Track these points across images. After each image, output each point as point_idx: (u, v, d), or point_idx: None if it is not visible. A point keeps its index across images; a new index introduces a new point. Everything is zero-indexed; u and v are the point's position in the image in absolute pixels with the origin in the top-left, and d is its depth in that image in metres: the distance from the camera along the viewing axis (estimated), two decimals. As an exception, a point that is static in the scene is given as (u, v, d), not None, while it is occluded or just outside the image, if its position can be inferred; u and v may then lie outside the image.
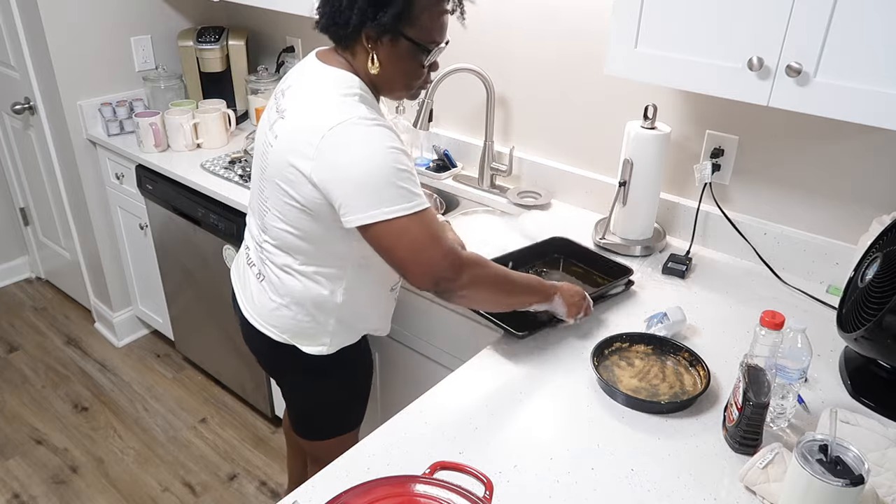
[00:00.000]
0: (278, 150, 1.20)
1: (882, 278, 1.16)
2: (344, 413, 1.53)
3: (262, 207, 1.29)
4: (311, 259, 1.28)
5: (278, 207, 1.24)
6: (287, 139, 1.18)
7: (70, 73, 2.43)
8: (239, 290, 1.46)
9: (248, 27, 2.67)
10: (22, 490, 2.24)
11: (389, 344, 1.74)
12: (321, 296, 1.32)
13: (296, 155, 1.16)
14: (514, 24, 1.92)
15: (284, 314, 1.34)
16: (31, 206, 3.11)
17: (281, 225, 1.26)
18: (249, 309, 1.41)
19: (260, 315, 1.38)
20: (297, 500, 1.02)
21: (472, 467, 0.97)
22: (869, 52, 1.12)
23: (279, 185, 1.21)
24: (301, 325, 1.35)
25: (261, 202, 1.30)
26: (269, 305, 1.36)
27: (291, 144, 1.17)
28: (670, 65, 1.35)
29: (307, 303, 1.32)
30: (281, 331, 1.37)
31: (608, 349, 1.32)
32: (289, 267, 1.30)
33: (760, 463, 1.01)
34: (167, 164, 2.28)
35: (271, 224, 1.28)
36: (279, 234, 1.27)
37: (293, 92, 1.23)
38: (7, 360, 2.84)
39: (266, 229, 1.30)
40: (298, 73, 1.27)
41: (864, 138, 1.47)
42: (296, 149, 1.16)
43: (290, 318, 1.35)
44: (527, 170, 2.03)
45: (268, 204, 1.27)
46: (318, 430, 1.55)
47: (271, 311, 1.36)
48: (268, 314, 1.37)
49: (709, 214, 1.71)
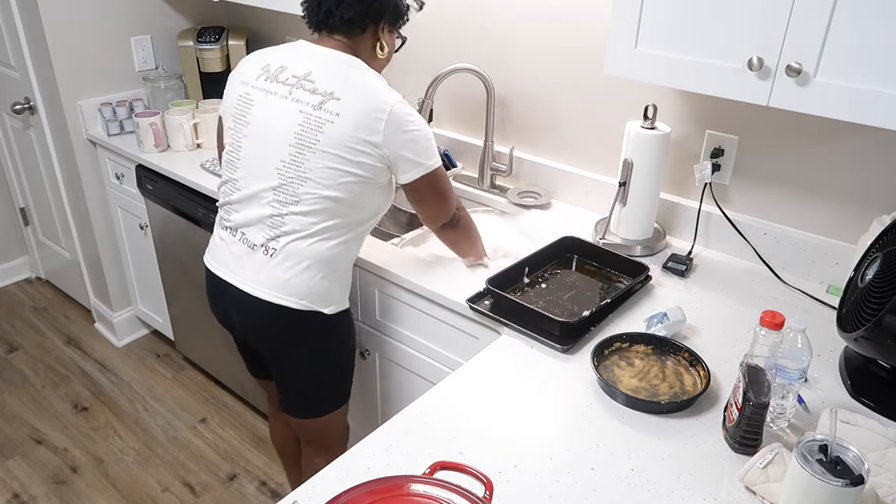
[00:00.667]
0: (342, 127, 1.36)
1: (882, 278, 1.16)
2: (340, 380, 1.63)
3: (296, 179, 1.40)
4: (337, 219, 1.42)
5: (324, 176, 1.38)
6: (353, 116, 1.36)
7: (70, 73, 2.43)
8: (234, 277, 1.49)
9: (248, 27, 2.67)
10: (22, 490, 2.24)
11: (389, 344, 1.74)
12: (334, 253, 1.45)
13: (363, 130, 1.35)
14: (514, 24, 1.92)
15: (304, 278, 1.44)
16: (31, 206, 3.11)
17: (322, 192, 1.39)
18: (260, 287, 1.45)
19: (275, 287, 1.44)
20: (297, 500, 1.02)
21: (472, 467, 0.97)
22: (869, 52, 1.12)
23: (336, 156, 1.37)
24: (320, 286, 1.45)
25: (292, 174, 1.40)
26: (286, 275, 1.43)
27: (360, 119, 1.35)
28: (670, 65, 1.35)
29: (324, 263, 1.44)
30: (301, 297, 1.45)
31: (608, 349, 1.32)
32: (312, 230, 1.42)
33: (760, 463, 1.01)
34: (167, 164, 2.28)
35: (308, 192, 1.39)
36: (316, 199, 1.39)
37: (325, 76, 1.39)
38: (7, 360, 2.84)
39: (299, 199, 1.40)
40: (308, 59, 1.43)
41: (864, 138, 1.47)
42: (365, 123, 1.35)
43: (309, 281, 1.44)
44: (527, 170, 2.03)
45: (309, 174, 1.39)
46: (319, 404, 1.62)
47: (289, 280, 1.43)
48: (284, 284, 1.44)
49: (709, 214, 1.71)
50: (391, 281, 1.63)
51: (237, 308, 1.51)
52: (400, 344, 1.72)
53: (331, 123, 1.36)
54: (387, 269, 1.62)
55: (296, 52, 1.45)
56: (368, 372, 1.85)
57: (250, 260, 1.45)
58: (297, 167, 1.39)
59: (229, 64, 2.58)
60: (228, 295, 1.51)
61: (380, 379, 1.84)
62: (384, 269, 1.63)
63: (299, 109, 1.38)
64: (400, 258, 1.67)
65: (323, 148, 1.36)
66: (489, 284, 1.46)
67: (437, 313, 1.58)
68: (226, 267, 1.50)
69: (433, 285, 1.55)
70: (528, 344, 1.37)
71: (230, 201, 1.50)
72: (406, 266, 1.63)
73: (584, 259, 1.66)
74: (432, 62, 2.13)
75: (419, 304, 1.61)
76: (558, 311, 1.47)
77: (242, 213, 1.47)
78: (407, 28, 1.55)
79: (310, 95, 1.38)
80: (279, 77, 1.43)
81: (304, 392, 1.60)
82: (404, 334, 1.69)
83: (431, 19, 2.09)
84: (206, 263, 1.58)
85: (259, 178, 1.43)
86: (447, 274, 1.60)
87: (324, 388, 1.61)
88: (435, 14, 2.07)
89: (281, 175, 1.40)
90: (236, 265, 1.48)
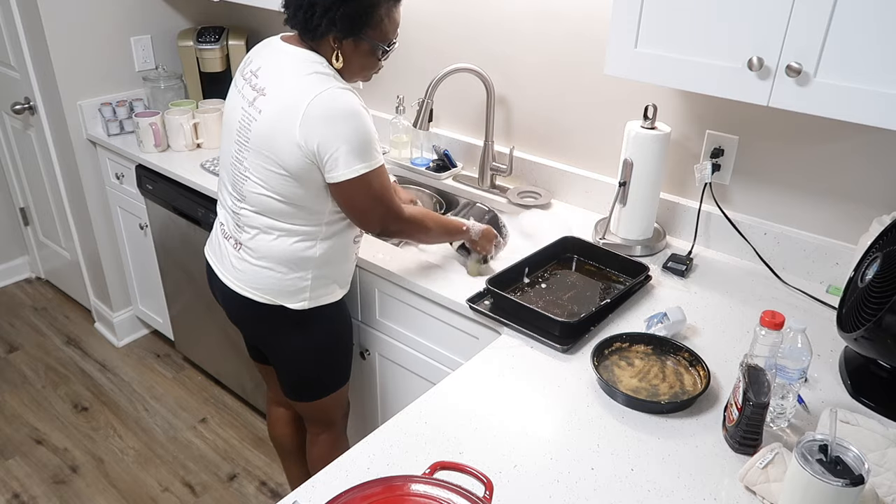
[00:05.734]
0: (265, 123, 1.33)
1: (882, 278, 1.16)
2: (333, 364, 1.64)
3: (240, 177, 1.41)
4: (290, 219, 1.40)
5: (260, 175, 1.36)
6: (273, 111, 1.31)
7: (70, 73, 2.43)
8: (216, 265, 1.56)
9: (248, 27, 2.67)
10: (22, 490, 2.24)
11: (389, 344, 1.74)
12: (299, 252, 1.43)
13: (284, 124, 1.30)
14: (514, 23, 1.92)
15: (265, 275, 1.45)
16: (31, 206, 3.11)
17: (261, 191, 1.38)
18: (231, 278, 1.51)
19: (242, 281, 1.48)
20: (298, 500, 1.02)
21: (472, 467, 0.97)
22: (869, 53, 1.12)
23: (264, 154, 1.34)
24: (281, 283, 1.46)
25: (238, 173, 1.42)
26: (250, 270, 1.46)
27: (279, 115, 1.30)
28: (670, 65, 1.35)
29: (286, 261, 1.44)
30: (263, 292, 1.47)
31: (608, 349, 1.32)
32: (269, 228, 1.42)
33: (760, 463, 1.01)
34: (167, 164, 2.28)
35: (250, 191, 1.39)
36: (259, 199, 1.39)
37: (268, 71, 1.37)
38: (7, 360, 2.84)
39: (244, 197, 1.41)
40: (267, 55, 1.40)
41: (864, 138, 1.47)
42: (284, 118, 1.30)
43: (270, 278, 1.45)
44: (527, 170, 2.03)
45: (247, 173, 1.39)
46: (318, 388, 1.64)
47: (253, 275, 1.47)
48: (250, 279, 1.47)
49: (709, 214, 1.71)
50: (391, 281, 1.63)
51: (222, 297, 1.58)
52: (400, 344, 1.72)
53: (255, 121, 1.34)
54: (387, 269, 1.62)
55: (265, 48, 1.44)
56: (368, 372, 1.85)
57: (226, 251, 1.51)
58: (240, 164, 1.40)
59: (229, 64, 2.58)
60: (216, 282, 1.58)
61: (380, 379, 1.84)
62: (384, 269, 1.63)
63: (241, 106, 1.39)
64: (400, 258, 1.67)
65: (253, 146, 1.36)
66: (489, 284, 1.46)
67: (436, 313, 1.58)
68: (214, 255, 1.58)
69: (433, 285, 1.55)
70: (528, 344, 1.37)
71: (218, 191, 1.56)
72: (406, 266, 1.63)
73: (584, 259, 1.66)
74: (432, 62, 2.13)
75: (419, 304, 1.61)
76: (558, 311, 1.47)
77: (220, 206, 1.55)
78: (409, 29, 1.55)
79: (250, 91, 1.38)
80: (244, 72, 1.44)
81: (296, 378, 1.64)
82: (404, 334, 1.69)
83: (431, 20, 2.09)
84: (205, 253, 1.64)
85: (225, 171, 1.48)
86: (447, 274, 1.60)
87: (313, 374, 1.63)
88: (435, 14, 2.07)
89: (233, 171, 1.43)
90: (219, 255, 1.55)
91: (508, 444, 1.12)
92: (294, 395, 1.67)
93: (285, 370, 1.63)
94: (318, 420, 1.73)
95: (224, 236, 1.52)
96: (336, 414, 1.73)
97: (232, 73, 2.60)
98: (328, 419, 1.72)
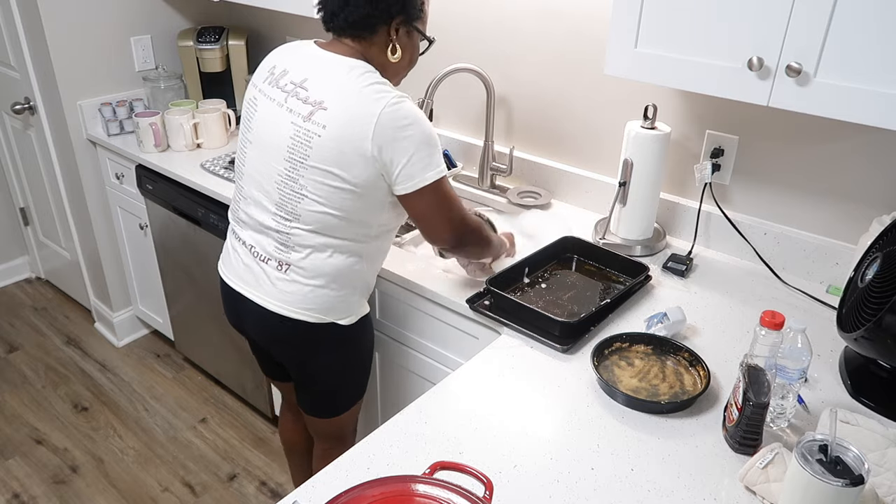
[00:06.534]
0: (330, 140, 1.27)
1: (882, 278, 1.16)
2: (360, 379, 1.62)
3: (294, 196, 1.34)
4: (341, 234, 1.36)
5: (319, 192, 1.31)
6: (339, 125, 1.26)
7: (70, 73, 2.43)
8: (248, 290, 1.45)
9: (248, 27, 2.67)
10: (22, 490, 2.24)
11: (389, 344, 1.74)
12: (349, 268, 1.40)
13: (354, 139, 1.26)
14: (514, 23, 1.92)
15: (319, 294, 1.40)
16: (31, 206, 3.11)
17: (320, 208, 1.33)
18: (275, 301, 1.42)
19: (290, 303, 1.41)
20: (298, 500, 1.02)
21: (472, 467, 0.97)
22: (869, 53, 1.12)
23: (326, 171, 1.29)
24: (336, 300, 1.42)
25: (289, 191, 1.34)
26: (303, 290, 1.40)
27: (347, 130, 1.26)
28: (670, 65, 1.35)
29: (339, 277, 1.40)
30: (318, 311, 1.42)
31: (608, 349, 1.32)
32: (324, 246, 1.37)
33: (760, 463, 1.01)
34: (167, 164, 2.28)
35: (307, 210, 1.34)
36: (316, 217, 1.34)
37: (319, 84, 1.30)
38: (7, 360, 2.84)
39: (298, 216, 1.35)
40: (310, 64, 1.34)
41: (864, 138, 1.47)
42: (353, 133, 1.26)
43: (326, 297, 1.41)
44: (527, 170, 2.03)
45: (304, 192, 1.33)
46: (340, 403, 1.62)
47: (306, 295, 1.40)
48: (302, 300, 1.40)
49: (709, 214, 1.71)
50: (391, 281, 1.63)
51: (253, 320, 1.48)
52: (400, 344, 1.72)
53: (318, 137, 1.28)
54: (387, 269, 1.62)
55: (299, 55, 1.36)
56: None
57: (263, 273, 1.42)
58: (293, 183, 1.33)
59: (229, 64, 2.58)
60: (243, 305, 1.48)
61: (380, 379, 1.84)
62: (384, 269, 1.62)
63: (291, 121, 1.31)
64: (400, 258, 1.67)
65: (313, 163, 1.29)
66: (489, 284, 1.46)
67: (436, 313, 1.58)
68: (239, 278, 1.47)
69: (433, 285, 1.55)
70: (527, 344, 1.37)
71: (239, 210, 1.47)
72: (406, 266, 1.63)
73: (584, 259, 1.66)
74: (432, 62, 2.13)
75: (419, 304, 1.61)
76: (558, 311, 1.47)
77: (251, 225, 1.43)
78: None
79: (301, 105, 1.30)
80: (280, 82, 1.35)
81: (324, 395, 1.59)
82: (404, 334, 1.69)
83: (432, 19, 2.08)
84: (220, 273, 1.55)
85: (262, 189, 1.38)
86: (447, 274, 1.60)
87: (343, 390, 1.60)
88: (435, 14, 2.07)
89: (280, 190, 1.35)
90: (249, 277, 1.45)
91: (508, 444, 1.12)
92: (316, 411, 1.62)
93: (315, 387, 1.58)
94: (331, 436, 1.69)
95: (259, 259, 1.42)
96: (348, 429, 1.69)
97: (232, 73, 2.60)
98: (341, 434, 1.69)
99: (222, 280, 1.53)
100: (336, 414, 1.62)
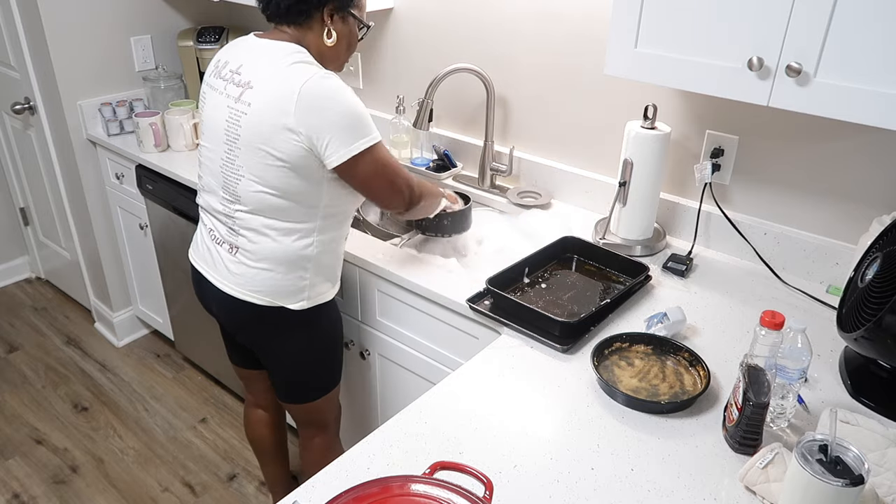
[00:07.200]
0: (255, 114, 1.32)
1: (882, 278, 1.16)
2: (328, 366, 1.65)
3: (233, 178, 1.40)
4: (286, 216, 1.40)
5: (256, 171, 1.36)
6: (263, 101, 1.31)
7: (70, 73, 2.43)
8: (208, 272, 1.53)
9: (248, 27, 2.67)
10: (22, 490, 2.24)
11: (389, 344, 1.74)
12: (297, 251, 1.43)
13: (277, 112, 1.29)
14: (514, 24, 1.92)
15: (265, 276, 1.45)
16: (31, 206, 3.11)
17: (257, 188, 1.37)
18: (227, 283, 1.49)
19: (240, 285, 1.47)
20: (297, 500, 1.02)
21: (472, 467, 0.97)
22: (869, 52, 1.12)
23: (259, 149, 1.33)
24: (282, 283, 1.45)
25: (230, 173, 1.40)
26: (249, 273, 1.45)
27: (270, 104, 1.30)
28: (670, 65, 1.35)
29: (285, 261, 1.43)
30: (264, 294, 1.46)
31: (608, 349, 1.32)
32: (266, 228, 1.41)
33: (760, 463, 1.01)
34: (167, 164, 2.28)
35: (246, 190, 1.38)
36: (255, 197, 1.38)
37: (251, 65, 1.36)
38: (7, 360, 2.84)
39: (238, 197, 1.40)
40: (245, 52, 1.40)
41: (864, 138, 1.47)
42: (276, 107, 1.29)
43: (271, 280, 1.45)
44: (527, 170, 2.03)
45: (241, 172, 1.38)
46: (309, 389, 1.65)
47: (252, 278, 1.45)
48: (248, 282, 1.46)
49: (709, 214, 1.71)
50: (391, 281, 1.63)
51: (215, 302, 1.56)
52: (400, 344, 1.72)
53: (245, 115, 1.33)
54: (387, 269, 1.62)
55: (240, 47, 1.43)
56: (368, 372, 1.85)
57: (219, 256, 1.50)
58: (232, 164, 1.39)
59: (229, 64, 2.58)
60: (207, 289, 1.55)
61: (380, 379, 1.84)
62: (384, 269, 1.63)
63: (227, 105, 1.38)
64: (400, 258, 1.67)
65: (245, 141, 1.34)
66: (489, 284, 1.46)
67: (436, 313, 1.58)
68: (203, 261, 1.55)
69: (433, 285, 1.55)
70: (527, 344, 1.37)
71: (200, 197, 1.54)
72: (406, 266, 1.63)
73: (584, 259, 1.66)
74: (432, 62, 2.13)
75: (419, 304, 1.61)
76: (558, 311, 1.47)
77: (208, 210, 1.52)
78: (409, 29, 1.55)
79: (235, 88, 1.37)
80: (221, 72, 1.42)
81: (292, 380, 1.63)
82: (404, 334, 1.69)
83: (431, 19, 2.09)
84: (189, 258, 1.62)
85: (213, 174, 1.46)
86: (447, 274, 1.60)
87: (310, 375, 1.63)
88: (435, 14, 2.07)
89: (224, 173, 1.42)
90: (210, 260, 1.53)
91: (508, 444, 1.12)
92: (289, 397, 1.67)
93: (282, 373, 1.62)
94: (312, 422, 1.73)
95: (216, 242, 1.50)
96: (329, 416, 1.72)
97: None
98: (322, 421, 1.72)
99: (191, 264, 1.61)
100: (308, 400, 1.66)
